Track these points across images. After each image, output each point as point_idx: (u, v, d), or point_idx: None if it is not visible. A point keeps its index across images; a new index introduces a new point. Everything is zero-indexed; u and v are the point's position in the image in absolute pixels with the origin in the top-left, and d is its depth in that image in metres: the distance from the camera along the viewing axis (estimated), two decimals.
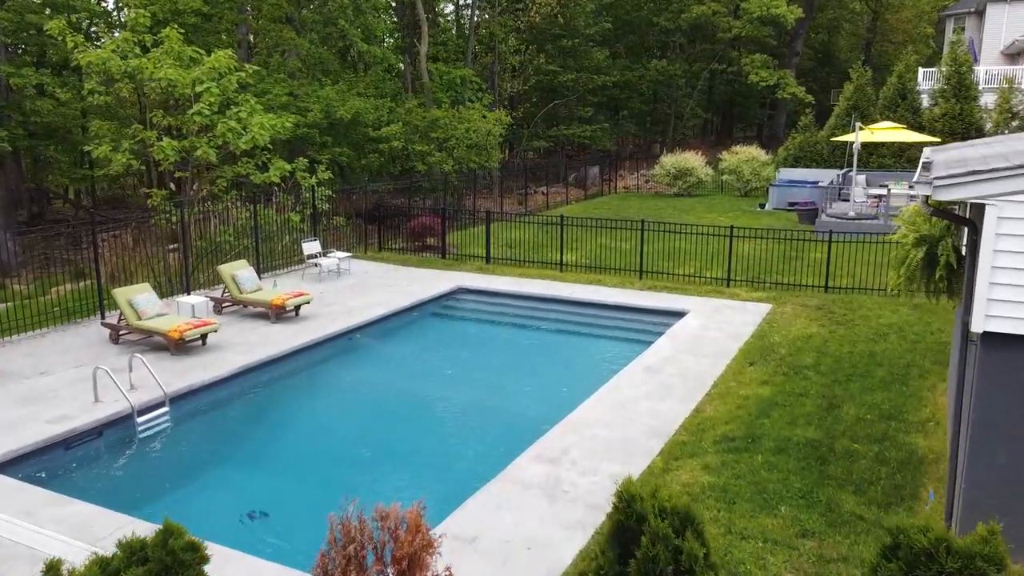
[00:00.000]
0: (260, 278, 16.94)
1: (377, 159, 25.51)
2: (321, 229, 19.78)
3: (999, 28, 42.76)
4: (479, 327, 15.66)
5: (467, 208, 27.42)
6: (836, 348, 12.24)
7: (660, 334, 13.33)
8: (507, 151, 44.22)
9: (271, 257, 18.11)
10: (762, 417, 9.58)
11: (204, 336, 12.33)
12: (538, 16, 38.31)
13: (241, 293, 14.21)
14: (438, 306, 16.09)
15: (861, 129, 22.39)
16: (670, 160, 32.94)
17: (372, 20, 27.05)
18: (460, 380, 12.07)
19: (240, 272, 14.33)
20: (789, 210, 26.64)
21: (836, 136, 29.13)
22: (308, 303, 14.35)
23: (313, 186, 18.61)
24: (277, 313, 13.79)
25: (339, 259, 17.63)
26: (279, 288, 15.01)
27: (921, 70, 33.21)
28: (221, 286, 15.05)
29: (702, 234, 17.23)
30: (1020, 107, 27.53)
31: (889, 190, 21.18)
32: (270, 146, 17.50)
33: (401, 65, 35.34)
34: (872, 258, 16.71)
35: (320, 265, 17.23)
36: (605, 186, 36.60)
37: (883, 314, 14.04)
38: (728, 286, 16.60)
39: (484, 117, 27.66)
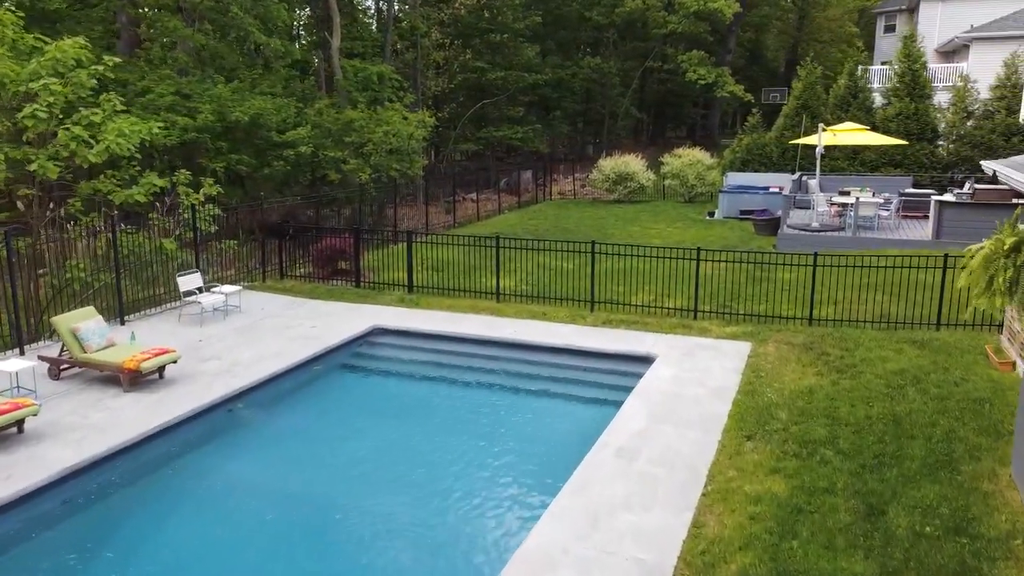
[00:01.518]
0: (124, 323, 13.58)
1: (283, 167, 22.16)
2: (207, 256, 16.43)
3: (932, 26, 42.05)
4: (399, 385, 12.60)
5: (388, 222, 24.34)
6: (848, 411, 9.77)
7: (627, 390, 10.65)
8: (433, 155, 41.21)
9: (141, 293, 14.72)
10: (788, 537, 6.96)
11: (19, 422, 9.04)
12: (463, 8, 35.41)
13: (85, 352, 10.88)
14: (349, 354, 13.05)
15: (824, 131, 20.31)
16: (609, 164, 30.53)
17: (273, 9, 23.63)
18: (368, 478, 9.05)
19: (84, 324, 10.99)
20: (742, 219, 24.48)
21: (787, 138, 27.19)
22: (175, 362, 11.13)
23: (194, 205, 15.27)
24: (131, 379, 10.53)
25: (226, 295, 14.38)
26: (137, 342, 11.72)
27: (874, 68, 31.71)
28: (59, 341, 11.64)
29: (664, 258, 14.66)
30: (974, 106, 26.06)
31: (858, 199, 19.10)
32: (137, 156, 14.13)
33: (316, 60, 31.93)
34: (850, 280, 14.48)
35: (202, 304, 13.95)
36: (539, 192, 33.99)
37: (886, 355, 11.70)
38: (696, 318, 14.08)
39: (405, 119, 24.61)
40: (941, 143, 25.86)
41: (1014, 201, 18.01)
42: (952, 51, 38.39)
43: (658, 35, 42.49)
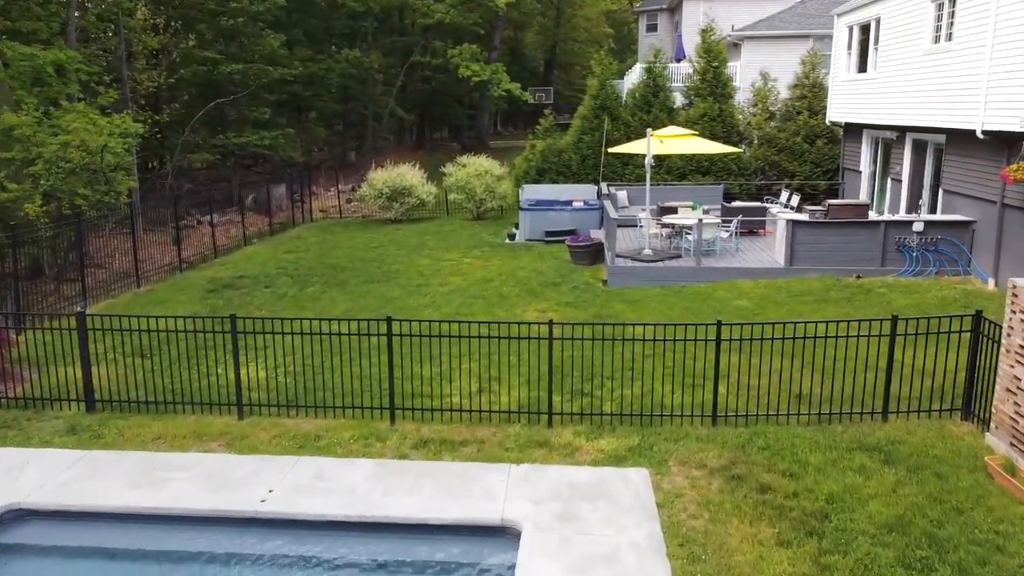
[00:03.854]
0: None
1: None
2: None
3: (696, 25, 41.59)
4: None
5: (88, 266, 17.19)
6: None
7: None
8: (158, 165, 33.30)
9: None
10: None
11: None
12: None
13: None
14: None
15: (652, 137, 16.63)
16: (381, 177, 25.25)
17: None
18: None
19: None
20: (550, 242, 20.42)
21: (586, 143, 23.63)
22: None
23: None
24: None
25: None
26: None
27: (672, 66, 29.29)
28: None
29: (503, 337, 9.72)
30: (775, 106, 24.17)
31: (700, 220, 15.59)
32: None
33: None
34: (738, 342, 10.56)
35: None
36: (297, 210, 27.83)
37: (852, 483, 7.74)
38: (550, 423, 9.39)
39: (94, 125, 17.54)
40: (744, 147, 23.64)
41: (872, 217, 15.43)
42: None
43: (423, 26, 37.73)
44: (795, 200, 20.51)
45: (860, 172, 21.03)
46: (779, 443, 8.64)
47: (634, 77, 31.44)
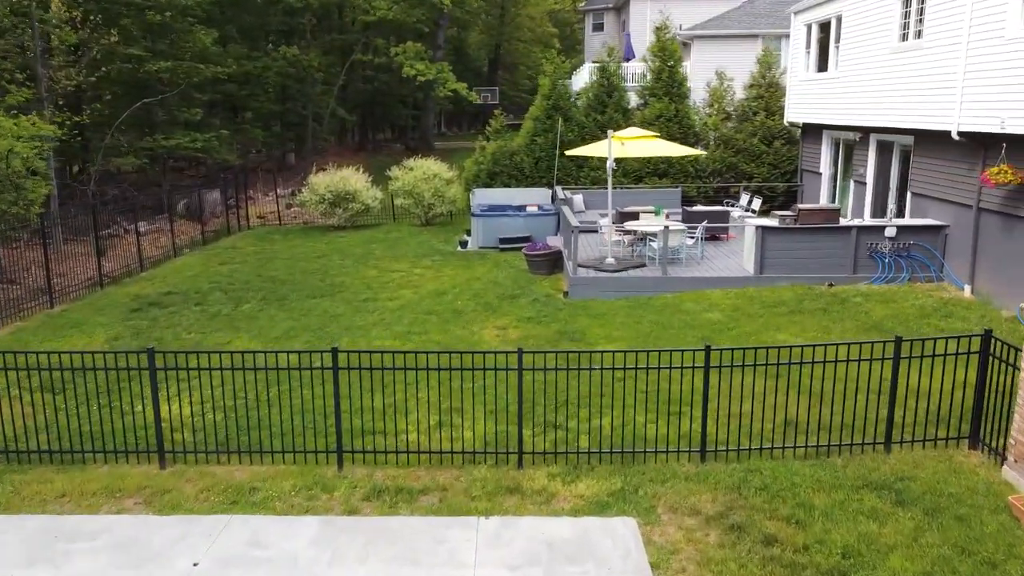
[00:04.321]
0: None
1: None
2: None
3: (643, 24, 41.10)
4: None
5: None
6: None
7: None
8: (77, 170, 31.16)
9: None
10: None
11: None
12: None
13: None
14: None
15: (613, 139, 15.70)
16: (323, 181, 23.84)
17: None
18: None
19: None
20: (504, 250, 19.38)
21: (539, 144, 22.64)
22: None
23: None
24: None
25: None
26: None
27: (627, 65, 28.47)
28: None
29: (467, 369, 8.60)
30: (731, 107, 23.57)
31: (667, 227, 14.72)
32: None
33: None
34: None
35: None
36: (232, 217, 26.17)
37: (867, 530, 6.88)
38: (520, 465, 8.32)
39: None
40: (700, 149, 22.97)
41: (843, 223, 14.79)
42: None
43: (364, 23, 36.24)
44: (756, 203, 19.88)
45: (820, 174, 20.52)
46: (777, 482, 7.73)
47: (584, 76, 30.63)
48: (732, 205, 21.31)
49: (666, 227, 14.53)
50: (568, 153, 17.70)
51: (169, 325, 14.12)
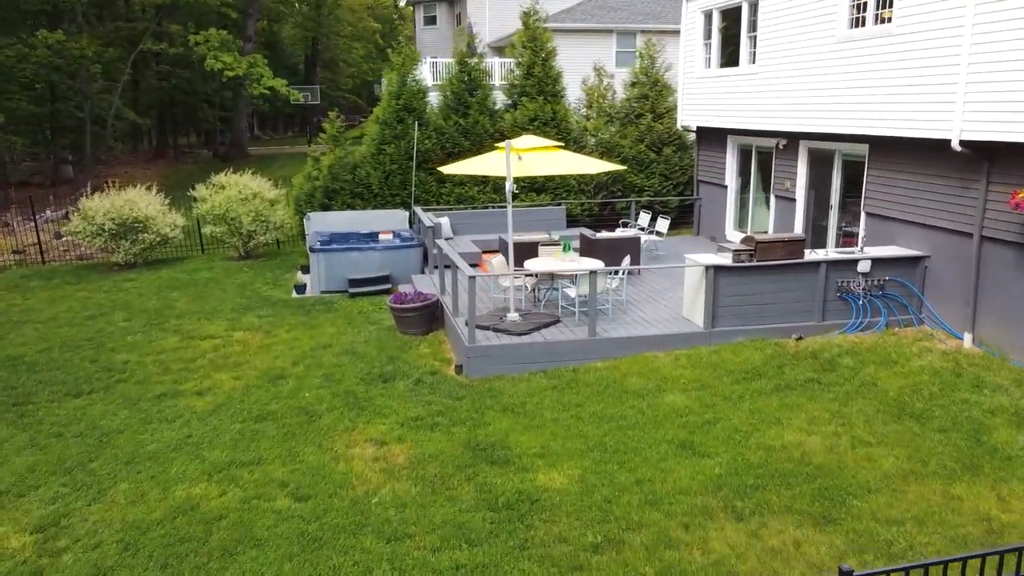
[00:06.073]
0: None
1: None
2: None
3: (483, 18, 37.67)
4: None
5: None
6: None
7: None
8: None
9: None
10: None
11: None
12: None
13: None
14: None
15: (512, 151, 11.52)
16: (101, 205, 17.92)
17: None
18: None
19: None
20: (355, 296, 14.76)
21: (387, 155, 18.09)
22: None
23: None
24: None
25: None
26: None
27: (497, 61, 24.27)
28: None
29: None
30: (611, 109, 20.22)
31: (594, 272, 10.77)
32: None
33: None
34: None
35: None
36: None
37: None
38: None
39: None
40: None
41: (809, 257, 11.56)
42: (510, 45, 33.83)
43: (155, 5, 29.69)
44: (664, 225, 16.56)
45: (725, 186, 17.57)
46: None
47: (426, 74, 26.39)
48: (626, 225, 17.91)
49: (593, 272, 10.61)
50: (444, 170, 13.39)
51: None
